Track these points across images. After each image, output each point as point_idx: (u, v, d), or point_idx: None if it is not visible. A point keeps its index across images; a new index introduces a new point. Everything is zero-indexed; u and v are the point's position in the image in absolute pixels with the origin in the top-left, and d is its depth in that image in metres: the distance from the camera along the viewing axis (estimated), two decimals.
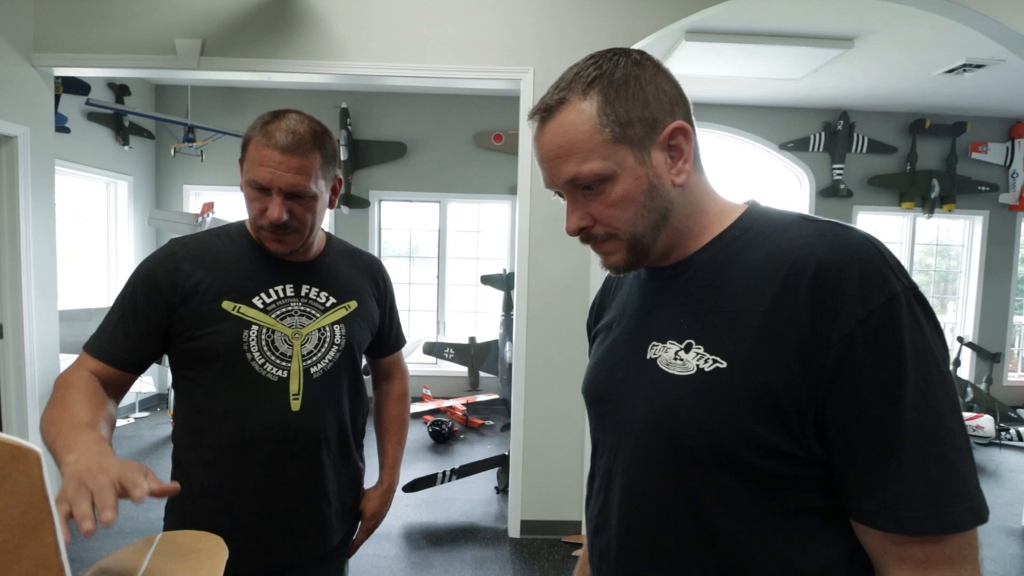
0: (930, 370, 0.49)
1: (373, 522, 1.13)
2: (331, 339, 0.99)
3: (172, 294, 0.93)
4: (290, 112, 0.93)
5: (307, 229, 0.95)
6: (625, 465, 0.62)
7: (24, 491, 0.34)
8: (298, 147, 0.89)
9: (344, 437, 1.03)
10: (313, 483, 0.98)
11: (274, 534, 0.96)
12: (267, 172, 0.89)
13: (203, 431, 0.95)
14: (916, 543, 0.49)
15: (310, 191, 0.91)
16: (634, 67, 0.58)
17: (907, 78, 4.07)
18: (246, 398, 0.93)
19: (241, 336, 0.93)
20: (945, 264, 5.39)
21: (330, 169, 0.96)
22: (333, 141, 0.96)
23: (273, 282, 0.97)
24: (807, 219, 0.58)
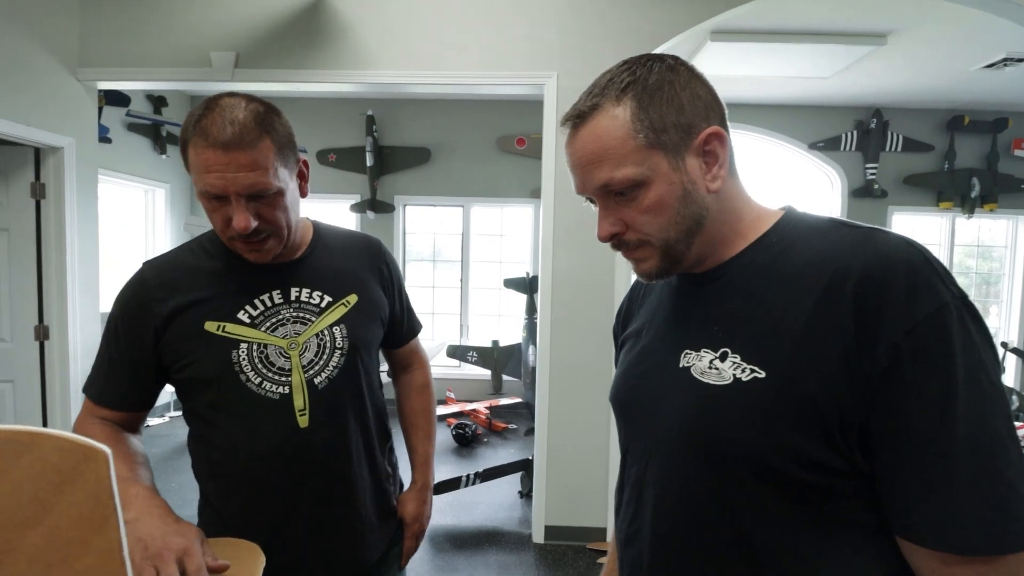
0: (982, 383, 0.47)
1: (417, 525, 1.04)
2: (331, 343, 0.89)
3: (151, 326, 0.84)
4: (222, 97, 0.79)
5: (284, 230, 0.83)
6: (657, 475, 0.61)
7: (93, 489, 0.37)
8: (242, 139, 0.75)
9: (365, 445, 0.94)
10: (338, 499, 0.90)
11: (306, 558, 0.89)
12: (215, 178, 0.76)
13: (214, 461, 0.89)
14: (967, 563, 0.47)
15: (272, 187, 0.78)
16: (668, 72, 0.58)
17: (944, 74, 3.93)
18: (248, 423, 0.85)
19: (230, 357, 0.83)
20: (987, 266, 5.18)
21: (288, 154, 0.82)
22: (283, 120, 0.83)
23: (257, 291, 0.87)
24: (847, 224, 0.57)
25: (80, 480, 0.37)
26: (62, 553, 0.37)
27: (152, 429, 4.22)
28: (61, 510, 0.36)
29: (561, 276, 2.63)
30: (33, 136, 2.49)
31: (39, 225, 2.66)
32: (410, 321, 1.10)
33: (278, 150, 0.80)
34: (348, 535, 0.92)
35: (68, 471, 0.37)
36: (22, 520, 0.36)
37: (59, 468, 0.36)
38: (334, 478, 0.90)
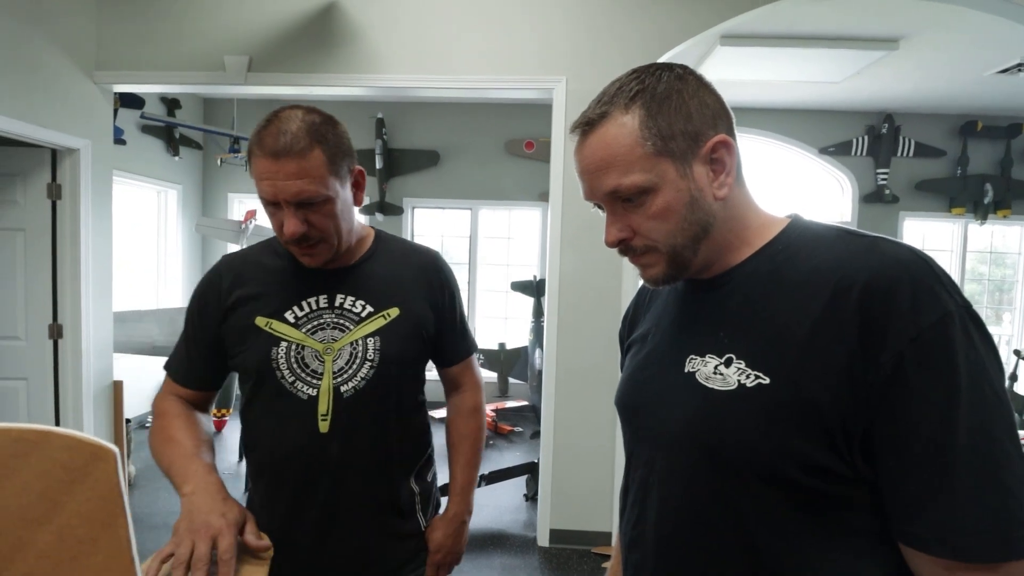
0: (985, 391, 0.47)
1: (439, 556, 1.00)
2: (363, 354, 0.90)
3: (217, 311, 0.92)
4: (283, 110, 0.83)
5: (333, 236, 0.86)
6: (662, 479, 0.62)
7: (103, 488, 0.38)
8: (291, 148, 0.79)
9: (382, 460, 0.93)
10: (343, 511, 0.90)
11: (311, 563, 0.91)
12: (268, 185, 0.80)
13: (250, 447, 0.95)
14: (970, 570, 0.47)
15: (320, 195, 0.81)
16: (677, 81, 0.59)
17: (957, 79, 3.90)
18: (277, 417, 0.90)
19: (270, 353, 0.88)
20: (1000, 273, 5.11)
21: (341, 163, 0.85)
22: (339, 130, 0.86)
23: (306, 294, 0.91)
24: (853, 233, 0.57)
25: (89, 479, 0.38)
26: (72, 551, 0.38)
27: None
28: (71, 508, 0.37)
29: (568, 280, 2.64)
30: (50, 137, 2.54)
31: (55, 225, 2.70)
32: (462, 340, 1.06)
33: (329, 160, 0.82)
34: (350, 548, 0.92)
35: (77, 470, 0.38)
36: (32, 518, 0.37)
37: (68, 467, 0.37)
38: (342, 489, 0.90)
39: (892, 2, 2.81)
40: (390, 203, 4.91)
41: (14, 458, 0.36)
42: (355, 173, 0.90)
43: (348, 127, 3.53)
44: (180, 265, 4.77)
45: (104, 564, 0.38)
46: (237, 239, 4.31)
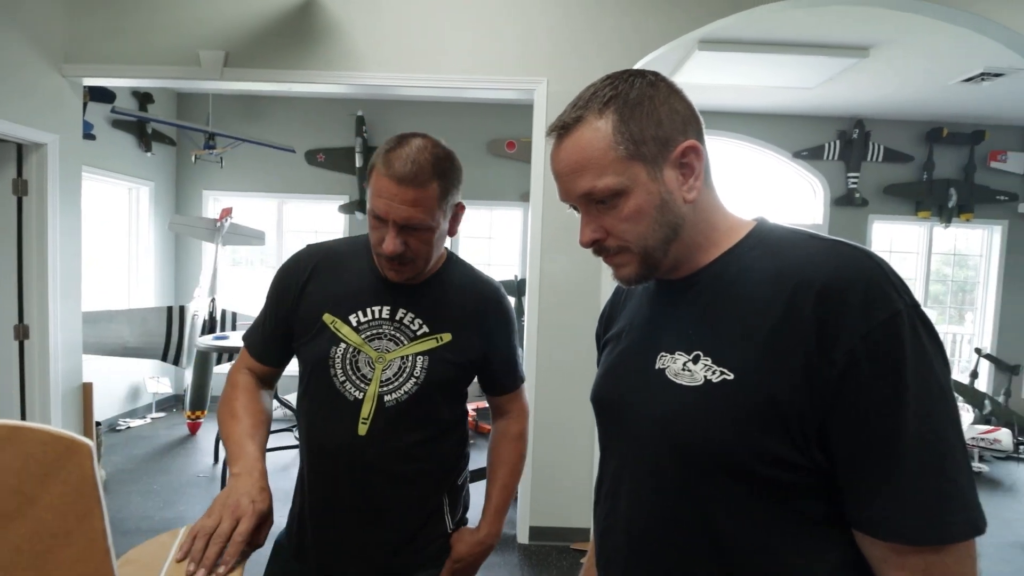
0: (930, 385, 0.50)
1: (458, 565, 1.03)
2: (411, 370, 0.95)
3: (293, 297, 0.99)
4: (414, 137, 0.89)
5: (422, 260, 0.93)
6: (633, 472, 0.64)
7: (77, 481, 0.37)
8: (415, 178, 0.85)
9: (411, 472, 0.97)
10: (370, 511, 0.96)
11: (332, 550, 0.97)
12: (383, 204, 0.86)
13: (301, 431, 1.02)
14: (916, 552, 0.50)
15: (426, 224, 0.88)
16: (648, 88, 0.61)
17: (924, 87, 4.04)
18: (324, 412, 0.96)
19: (329, 351, 0.94)
20: (963, 274, 5.30)
21: (451, 198, 0.92)
22: (456, 166, 0.92)
23: (372, 302, 0.96)
24: (814, 237, 0.60)
25: (63, 472, 0.37)
26: (46, 544, 0.37)
27: (134, 431, 4.16)
28: (45, 502, 0.37)
29: (549, 279, 2.66)
30: (16, 132, 2.46)
31: (20, 223, 2.62)
32: (511, 373, 1.10)
33: (442, 194, 0.89)
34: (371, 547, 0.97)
35: (51, 464, 0.37)
36: (5, 512, 0.36)
37: (41, 461, 0.37)
38: (372, 491, 0.96)
39: (863, 11, 2.89)
40: None
41: None
42: (457, 208, 0.96)
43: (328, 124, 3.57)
44: (152, 264, 4.66)
45: (79, 556, 0.38)
46: (212, 237, 4.23)
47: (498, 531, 1.08)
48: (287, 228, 5.06)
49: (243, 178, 4.85)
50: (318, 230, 5.07)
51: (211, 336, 3.63)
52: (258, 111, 4.81)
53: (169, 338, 4.00)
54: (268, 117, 4.81)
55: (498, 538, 1.08)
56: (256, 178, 4.85)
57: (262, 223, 4.69)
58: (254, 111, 4.81)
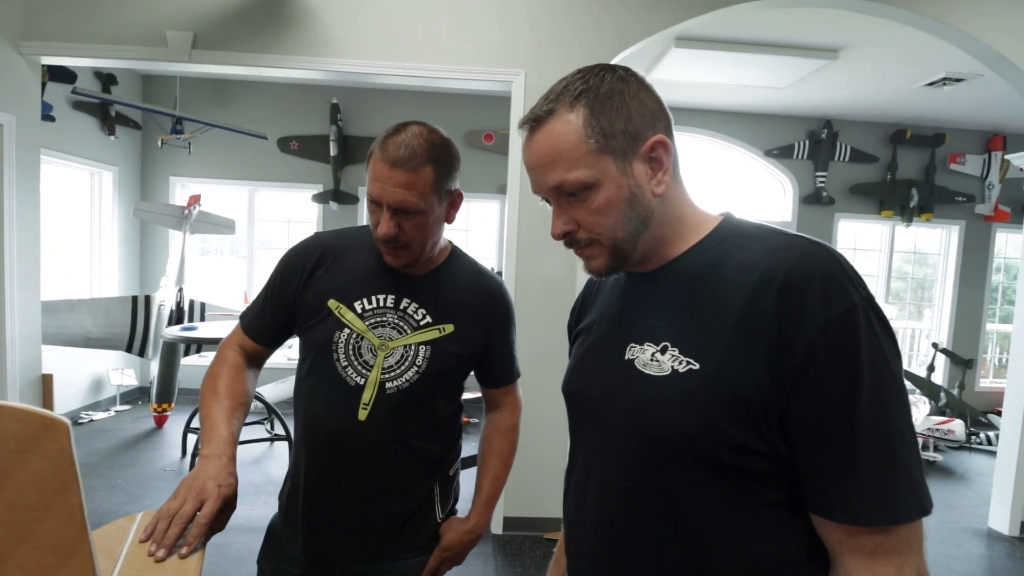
0: (883, 375, 0.53)
1: (448, 553, 1.05)
2: (413, 359, 0.97)
3: (299, 281, 1.00)
4: (412, 124, 0.92)
5: (418, 245, 0.94)
6: (602, 461, 0.66)
7: (54, 457, 0.37)
8: (408, 161, 0.87)
9: (408, 458, 0.99)
10: (364, 495, 0.97)
11: (329, 527, 0.98)
12: (377, 187, 0.89)
13: (298, 414, 1.03)
14: (867, 533, 0.52)
15: (419, 207, 0.89)
16: (619, 83, 0.62)
17: (890, 89, 4.18)
18: (324, 395, 0.97)
19: (333, 336, 0.95)
20: (922, 272, 5.54)
21: (446, 184, 0.93)
22: (452, 153, 0.94)
23: (377, 290, 0.98)
24: (777, 232, 0.62)
25: (40, 449, 0.37)
26: (23, 517, 0.37)
27: (97, 424, 4.03)
28: (22, 477, 0.37)
29: (525, 272, 2.67)
30: None
31: None
32: (507, 366, 1.12)
33: (436, 179, 0.91)
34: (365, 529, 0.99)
35: (28, 440, 0.37)
36: None
37: (18, 437, 0.37)
38: (368, 474, 0.97)
39: (833, 14, 2.98)
40: (345, 191, 4.80)
41: None
42: (454, 194, 0.98)
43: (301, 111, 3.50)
44: (116, 252, 4.50)
45: (57, 529, 0.38)
46: (179, 225, 4.11)
47: (487, 521, 1.10)
48: (259, 217, 4.95)
49: (212, 165, 4.72)
50: (291, 219, 4.97)
51: (179, 327, 3.53)
52: (228, 96, 4.68)
53: (134, 329, 3.88)
54: (239, 102, 4.69)
55: (486, 528, 1.10)
56: (226, 165, 4.73)
57: (232, 211, 4.57)
58: (224, 96, 4.68)
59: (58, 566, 0.38)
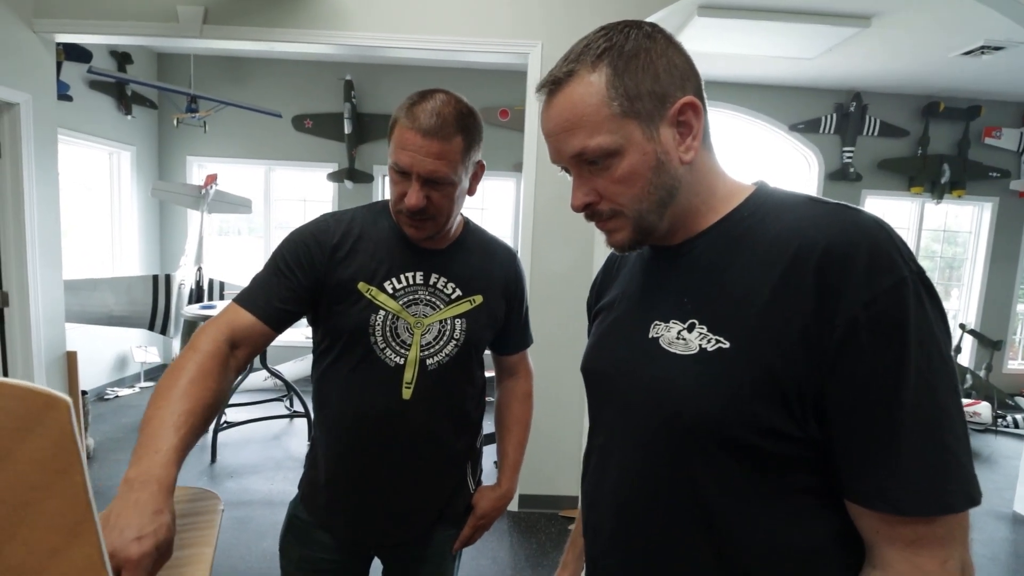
0: (932, 356, 0.48)
1: (483, 521, 1.09)
2: (451, 333, 0.97)
3: (322, 263, 0.93)
4: (437, 92, 0.90)
5: (444, 217, 0.92)
6: (621, 444, 0.63)
7: (56, 436, 0.35)
8: (440, 131, 0.85)
9: (453, 430, 1.01)
10: (411, 475, 0.97)
11: (372, 516, 0.98)
12: (408, 156, 0.86)
13: (324, 403, 0.99)
14: (908, 523, 0.49)
15: (449, 178, 0.88)
16: (645, 40, 0.57)
17: (923, 59, 3.99)
18: (364, 379, 0.94)
19: (369, 319, 0.93)
20: (952, 251, 5.36)
21: (473, 154, 0.92)
22: (478, 123, 0.92)
23: (405, 268, 0.96)
24: (816, 200, 0.57)
25: (41, 428, 0.36)
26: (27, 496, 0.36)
27: (123, 399, 4.14)
28: (22, 456, 0.35)
29: (541, 251, 2.63)
30: None
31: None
32: (524, 332, 1.15)
33: (465, 149, 0.89)
34: (414, 505, 1.00)
35: (29, 419, 0.35)
36: None
37: (20, 416, 0.35)
38: (416, 451, 0.97)
39: None
40: (359, 170, 4.77)
41: None
42: (477, 166, 0.96)
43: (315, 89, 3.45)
44: (136, 231, 4.56)
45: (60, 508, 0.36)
46: (197, 205, 4.13)
47: (515, 486, 1.13)
48: (275, 196, 4.96)
49: (228, 144, 4.72)
50: (307, 198, 4.98)
51: (198, 305, 3.58)
52: (242, 74, 4.65)
53: (156, 307, 3.94)
54: (253, 80, 4.66)
55: (514, 491, 1.13)
56: (241, 144, 4.73)
57: (248, 191, 4.58)
58: (238, 73, 4.65)
59: (64, 546, 0.37)
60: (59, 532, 0.37)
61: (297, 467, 3.17)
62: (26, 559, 0.36)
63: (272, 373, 3.54)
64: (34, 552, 0.37)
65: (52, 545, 0.37)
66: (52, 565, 0.37)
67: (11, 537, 0.36)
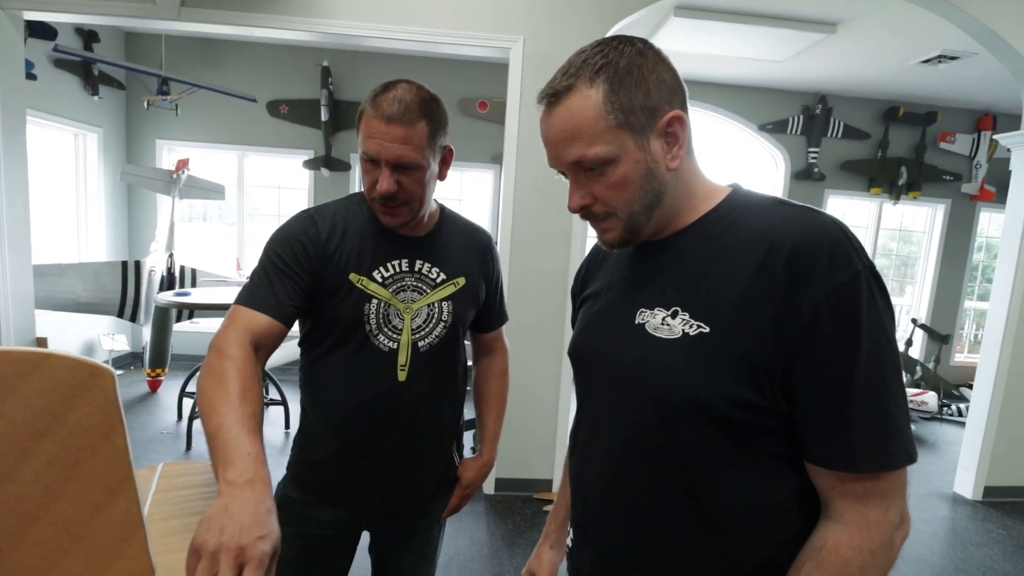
0: (880, 339, 0.57)
1: (469, 490, 1.16)
2: (439, 315, 1.02)
3: (317, 258, 0.95)
4: (400, 82, 0.93)
5: (417, 201, 0.95)
6: (610, 417, 0.70)
7: (101, 402, 0.40)
8: (404, 116, 0.88)
9: (446, 409, 1.07)
10: (412, 449, 1.03)
11: (372, 492, 1.03)
12: (375, 144, 0.89)
13: (316, 391, 1.02)
14: (858, 480, 0.58)
15: (417, 162, 0.91)
16: (638, 57, 0.63)
17: (885, 66, 4.17)
18: (360, 367, 0.99)
19: (363, 309, 0.97)
20: (906, 249, 5.64)
21: (439, 139, 0.95)
22: (442, 109, 0.95)
23: (391, 256, 1.00)
24: (783, 203, 0.65)
25: (88, 395, 0.40)
26: (75, 457, 0.40)
27: None
28: (71, 420, 0.40)
29: (520, 242, 2.69)
30: None
31: None
32: (500, 311, 1.21)
33: (431, 133, 0.92)
34: (414, 483, 1.06)
35: (77, 386, 0.40)
36: (36, 430, 0.39)
37: (69, 384, 0.40)
38: (414, 430, 1.02)
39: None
40: (336, 158, 4.74)
41: (15, 377, 0.37)
42: (446, 151, 0.99)
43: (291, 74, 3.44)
44: (103, 216, 4.43)
45: (104, 469, 0.41)
46: (168, 190, 4.05)
47: (495, 455, 1.21)
48: (249, 183, 4.88)
49: (200, 128, 4.62)
50: (282, 186, 4.91)
51: (172, 292, 3.53)
52: (216, 56, 4.55)
53: (125, 294, 3.86)
54: (227, 63, 4.56)
55: (494, 461, 1.22)
56: (214, 129, 4.63)
57: (221, 177, 4.51)
58: (212, 56, 4.55)
59: (107, 503, 0.42)
60: (102, 490, 0.41)
61: (273, 453, 3.18)
62: (73, 514, 0.41)
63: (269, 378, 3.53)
64: (80, 508, 0.41)
65: (96, 502, 0.41)
66: (96, 520, 0.42)
67: (61, 495, 0.41)
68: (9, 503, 0.39)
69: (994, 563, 2.50)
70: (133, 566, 0.43)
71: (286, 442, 3.38)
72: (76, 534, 0.41)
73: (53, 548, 0.41)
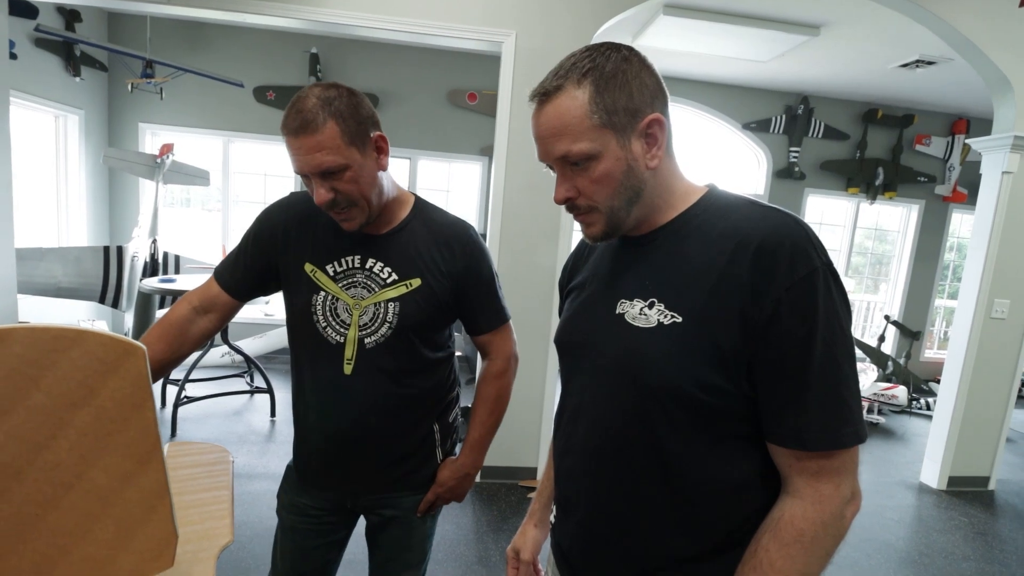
0: (835, 329, 0.63)
1: (440, 489, 1.13)
2: (384, 315, 1.02)
3: (277, 242, 1.04)
4: (302, 90, 0.91)
5: (363, 200, 0.95)
6: (593, 402, 0.75)
7: (133, 377, 0.44)
8: (307, 126, 0.87)
9: (396, 405, 1.05)
10: (362, 439, 1.05)
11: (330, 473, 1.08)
12: (296, 162, 0.91)
13: (294, 375, 1.09)
14: (813, 458, 0.64)
15: (338, 164, 0.89)
16: (623, 62, 0.68)
17: (865, 68, 4.28)
18: (311, 354, 1.04)
19: (311, 299, 1.01)
20: (882, 248, 5.80)
21: (358, 132, 0.91)
22: (355, 101, 0.92)
23: (345, 252, 1.02)
24: (754, 203, 0.71)
25: (121, 370, 0.43)
26: (107, 428, 0.44)
27: None
28: (105, 394, 0.43)
29: (509, 234, 2.73)
30: None
31: None
32: (489, 312, 1.13)
33: (343, 131, 0.89)
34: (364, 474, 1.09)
35: (111, 362, 0.43)
36: (72, 402, 0.42)
37: (103, 359, 0.43)
38: (362, 423, 1.04)
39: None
40: None
41: (54, 352, 0.41)
42: (375, 139, 0.95)
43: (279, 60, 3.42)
44: (84, 200, 4.36)
45: (135, 439, 0.45)
46: (151, 175, 3.99)
47: (475, 462, 1.18)
48: (234, 169, 4.83)
49: (185, 112, 4.55)
50: (268, 172, 4.87)
51: (156, 279, 3.50)
52: (202, 40, 4.48)
53: (107, 280, 3.81)
54: (213, 47, 4.50)
55: (477, 469, 1.19)
56: (199, 114, 4.57)
57: (206, 162, 4.45)
58: (198, 39, 4.47)
59: (137, 472, 0.46)
60: (133, 459, 0.45)
61: (260, 441, 3.19)
62: (105, 482, 0.45)
63: (233, 348, 3.52)
64: (112, 476, 0.45)
65: (127, 471, 0.45)
66: (126, 488, 0.45)
67: (94, 464, 0.44)
68: (45, 471, 0.42)
69: (955, 548, 2.63)
70: (159, 532, 0.46)
71: (272, 429, 3.39)
72: (107, 501, 0.44)
73: (85, 514, 0.44)
